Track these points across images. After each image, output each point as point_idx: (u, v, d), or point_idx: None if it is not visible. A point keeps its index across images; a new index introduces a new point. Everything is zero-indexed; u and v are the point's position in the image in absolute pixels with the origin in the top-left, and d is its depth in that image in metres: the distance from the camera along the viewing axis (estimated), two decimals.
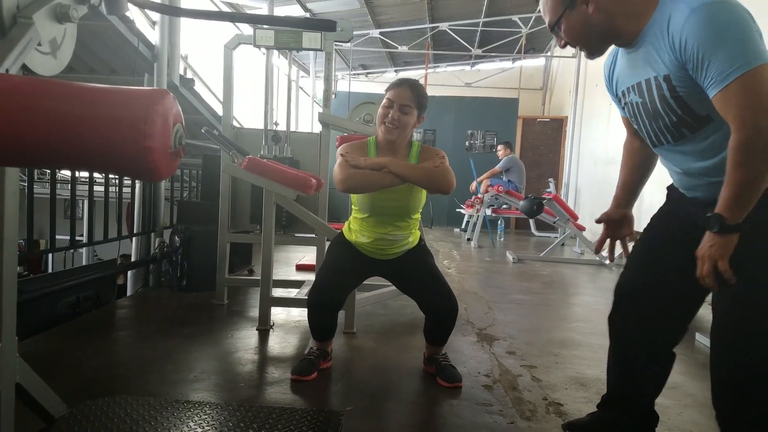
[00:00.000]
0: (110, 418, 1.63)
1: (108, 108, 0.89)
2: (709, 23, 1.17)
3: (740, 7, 1.18)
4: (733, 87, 1.15)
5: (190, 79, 5.25)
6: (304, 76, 11.94)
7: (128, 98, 0.90)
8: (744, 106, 1.14)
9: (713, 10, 1.17)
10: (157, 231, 3.94)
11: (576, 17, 1.40)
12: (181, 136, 0.94)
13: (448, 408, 1.97)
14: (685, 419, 1.94)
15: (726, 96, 1.17)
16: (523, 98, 10.59)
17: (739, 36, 1.15)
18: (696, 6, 1.18)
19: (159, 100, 0.91)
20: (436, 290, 2.17)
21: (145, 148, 0.87)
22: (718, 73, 1.16)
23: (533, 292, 4.25)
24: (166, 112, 0.91)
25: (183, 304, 3.29)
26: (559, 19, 1.42)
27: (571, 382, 2.25)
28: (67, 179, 4.82)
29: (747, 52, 1.14)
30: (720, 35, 1.16)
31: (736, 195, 1.19)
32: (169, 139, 0.91)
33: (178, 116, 0.95)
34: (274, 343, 2.64)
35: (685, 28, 1.20)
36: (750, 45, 1.14)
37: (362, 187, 2.11)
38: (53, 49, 1.47)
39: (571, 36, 1.44)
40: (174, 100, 0.94)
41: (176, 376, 2.15)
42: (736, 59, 1.14)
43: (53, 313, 2.90)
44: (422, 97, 2.17)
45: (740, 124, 1.16)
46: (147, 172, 0.89)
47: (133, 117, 0.88)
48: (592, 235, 6.33)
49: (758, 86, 1.13)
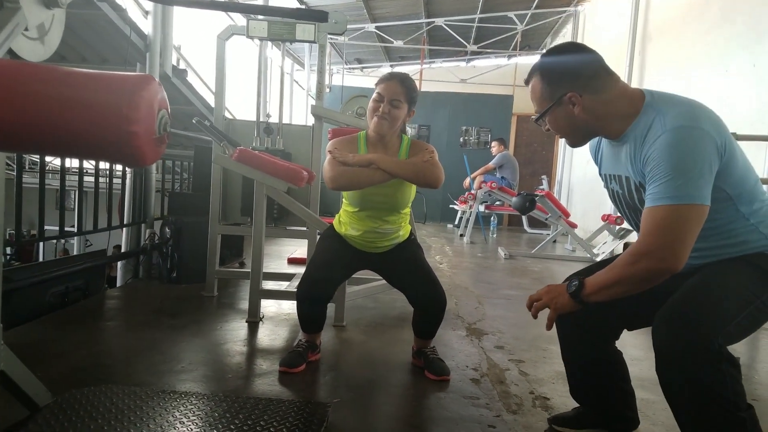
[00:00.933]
0: (95, 407, 1.62)
1: (92, 92, 0.88)
2: (672, 148, 1.26)
3: (707, 139, 1.26)
4: (660, 210, 1.27)
5: (182, 69, 5.22)
6: (299, 70, 11.90)
7: (112, 83, 0.89)
8: (656, 230, 1.27)
9: (681, 136, 1.27)
10: (148, 222, 3.92)
11: (561, 114, 1.45)
12: (166, 122, 0.93)
13: (435, 401, 1.97)
14: (670, 414, 1.94)
15: (651, 213, 1.29)
16: (518, 95, 10.59)
17: (691, 171, 1.25)
18: (669, 128, 1.28)
19: (144, 86, 0.90)
20: (425, 283, 2.17)
21: (128, 133, 0.86)
22: (656, 192, 1.28)
23: (524, 288, 4.26)
24: (151, 97, 0.90)
25: (172, 296, 3.28)
26: (545, 113, 1.47)
27: (558, 377, 2.26)
28: (57, 169, 4.79)
29: (688, 188, 1.24)
30: (675, 164, 1.25)
31: (606, 282, 1.36)
32: (153, 124, 0.90)
33: (163, 102, 0.95)
34: (263, 336, 2.64)
35: (655, 144, 1.29)
36: (694, 182, 1.24)
37: (352, 184, 2.11)
38: (41, 35, 1.45)
39: (555, 128, 1.50)
40: (159, 86, 0.94)
41: (163, 366, 2.14)
42: (676, 189, 1.25)
43: (41, 302, 2.88)
44: (412, 90, 2.17)
45: (644, 241, 1.29)
46: (131, 158, 0.89)
47: (117, 102, 0.87)
48: (584, 232, 6.36)
49: (673, 222, 1.25)
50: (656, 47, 6.22)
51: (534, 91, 1.48)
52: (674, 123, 1.28)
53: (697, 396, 1.23)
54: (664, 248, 1.26)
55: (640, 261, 1.30)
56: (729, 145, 1.30)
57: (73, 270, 3.15)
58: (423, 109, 9.95)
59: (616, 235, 5.80)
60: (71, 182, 4.83)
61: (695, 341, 1.21)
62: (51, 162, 9.98)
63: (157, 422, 1.55)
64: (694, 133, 1.27)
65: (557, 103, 1.43)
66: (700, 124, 1.28)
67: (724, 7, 4.87)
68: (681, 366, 1.23)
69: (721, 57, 4.76)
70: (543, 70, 1.47)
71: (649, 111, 1.36)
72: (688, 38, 5.48)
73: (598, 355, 1.66)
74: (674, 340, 1.24)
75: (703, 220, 1.27)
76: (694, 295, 1.30)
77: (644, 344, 2.73)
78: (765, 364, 2.63)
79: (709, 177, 1.26)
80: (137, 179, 3.82)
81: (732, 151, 1.31)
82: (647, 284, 1.32)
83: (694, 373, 1.22)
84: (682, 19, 5.70)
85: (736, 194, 1.34)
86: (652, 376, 2.26)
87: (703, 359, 1.20)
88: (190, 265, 3.51)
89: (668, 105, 1.34)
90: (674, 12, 5.93)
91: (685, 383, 1.24)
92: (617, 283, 1.35)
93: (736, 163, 1.33)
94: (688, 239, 1.26)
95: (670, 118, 1.30)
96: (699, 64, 5.17)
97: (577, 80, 1.41)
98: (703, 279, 1.34)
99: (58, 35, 1.52)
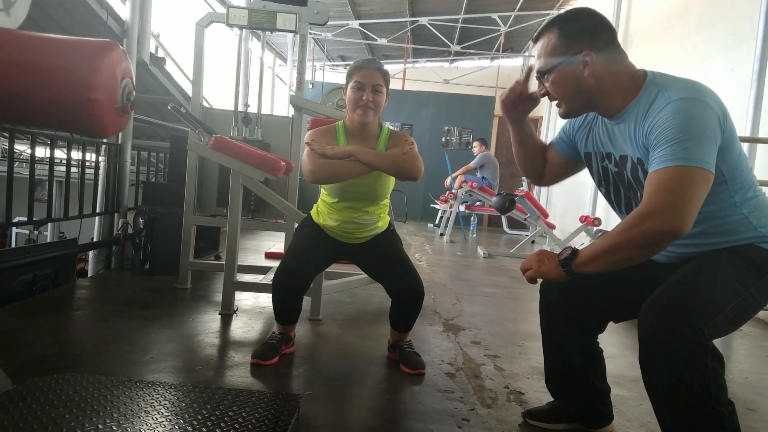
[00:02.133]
0: (57, 395, 1.56)
1: (50, 57, 0.84)
2: (679, 114, 1.25)
3: (712, 110, 1.25)
4: (668, 171, 1.24)
5: (161, 58, 5.11)
6: (282, 65, 11.80)
7: (72, 48, 0.85)
8: (663, 191, 1.23)
9: (687, 106, 1.25)
10: (121, 212, 3.84)
11: (569, 73, 1.40)
12: (129, 91, 0.89)
13: (410, 394, 1.94)
14: (644, 411, 1.95)
15: (658, 175, 1.25)
16: (500, 97, 10.62)
17: (699, 136, 1.23)
18: (674, 99, 1.27)
19: (106, 52, 0.86)
20: (402, 273, 2.14)
21: (88, 100, 0.82)
22: (663, 155, 1.25)
23: (502, 285, 4.26)
24: (114, 64, 0.86)
25: (144, 287, 3.20)
26: (552, 69, 1.41)
27: (533, 372, 2.25)
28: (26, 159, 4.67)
29: (696, 152, 1.22)
30: (683, 128, 1.23)
31: (602, 248, 1.30)
32: (116, 93, 0.86)
33: (127, 71, 0.90)
34: (236, 328, 2.58)
35: (661, 113, 1.27)
36: (702, 147, 1.23)
37: (331, 177, 2.07)
38: (6, 6, 1.39)
39: (556, 89, 1.44)
40: (124, 54, 0.89)
41: (132, 357, 2.08)
42: (684, 151, 1.22)
43: (8, 290, 2.79)
44: (388, 73, 2.16)
45: (649, 201, 1.25)
46: (91, 126, 0.84)
47: (76, 67, 0.83)
48: (562, 233, 6.39)
49: (681, 184, 1.22)
50: (637, 51, 6.28)
51: (546, 46, 1.42)
52: (679, 95, 1.27)
53: (680, 386, 1.21)
54: (671, 209, 1.21)
55: (644, 222, 1.23)
56: (729, 123, 1.30)
57: (41, 257, 3.06)
58: (406, 108, 9.93)
59: (594, 236, 5.84)
60: (42, 171, 4.72)
61: (683, 331, 1.19)
62: (23, 152, 9.77)
63: (121, 411, 1.50)
64: (699, 105, 1.26)
65: (570, 59, 1.38)
66: (705, 98, 1.27)
67: (703, 13, 4.93)
68: (666, 355, 1.21)
69: (701, 61, 4.82)
70: (562, 22, 1.41)
71: (651, 88, 1.34)
72: (668, 43, 5.55)
73: (580, 347, 1.64)
74: (662, 329, 1.21)
75: (709, 186, 1.24)
76: (684, 284, 1.28)
77: (619, 342, 2.74)
78: (738, 364, 2.65)
79: (714, 147, 1.25)
80: (111, 167, 3.73)
81: (731, 131, 1.31)
82: (648, 249, 1.27)
83: (679, 362, 1.19)
84: (662, 23, 5.77)
85: (731, 177, 1.33)
86: (626, 373, 2.29)
87: (690, 349, 1.18)
88: (164, 257, 3.44)
89: (671, 82, 1.33)
90: (655, 17, 5.99)
91: (669, 373, 1.21)
92: (615, 250, 1.28)
93: (734, 143, 1.32)
94: (696, 202, 1.22)
95: (675, 91, 1.29)
96: (679, 69, 5.23)
97: (595, 40, 1.37)
98: (694, 269, 1.32)
99: (26, 7, 1.46)
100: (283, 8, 3.16)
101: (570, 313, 1.61)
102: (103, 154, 3.67)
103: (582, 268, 1.33)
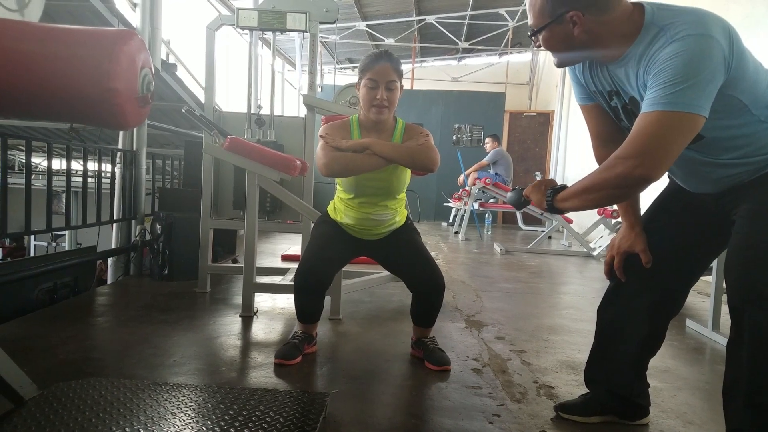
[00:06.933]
0: (83, 399, 1.55)
1: (69, 47, 0.82)
2: (677, 55, 1.19)
3: (716, 48, 1.19)
4: (652, 116, 1.21)
5: (172, 64, 5.13)
6: (291, 70, 11.83)
7: (91, 37, 0.82)
8: (641, 136, 1.22)
9: (689, 44, 1.19)
10: (138, 218, 3.84)
11: (559, 32, 1.35)
12: (149, 81, 0.87)
13: (437, 391, 1.91)
14: (679, 401, 1.90)
15: (642, 119, 1.24)
16: (509, 93, 10.58)
17: (693, 77, 1.18)
18: (677, 37, 1.20)
19: (126, 40, 0.83)
20: (423, 267, 2.11)
21: (109, 90, 0.80)
22: (652, 98, 1.22)
23: (521, 281, 4.21)
24: (133, 53, 0.83)
25: (164, 292, 3.20)
26: (542, 29, 1.37)
27: (561, 366, 2.20)
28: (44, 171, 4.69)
29: (685, 96, 1.18)
30: (679, 69, 1.18)
31: (579, 188, 1.34)
32: (135, 82, 0.83)
33: (146, 61, 0.88)
34: (257, 330, 2.57)
35: (661, 52, 1.22)
36: (694, 90, 1.18)
37: (347, 170, 2.03)
38: (20, 7, 1.38)
39: (548, 47, 1.41)
40: (142, 43, 0.87)
41: (155, 360, 2.07)
42: (673, 96, 1.18)
43: (29, 298, 2.80)
44: (400, 65, 2.10)
45: (626, 146, 1.25)
46: (112, 117, 0.82)
47: (96, 56, 0.80)
48: (579, 227, 6.31)
49: (662, 130, 1.20)
50: None
51: (533, 5, 1.37)
52: (682, 32, 1.21)
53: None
54: (644, 154, 1.21)
55: (618, 165, 1.25)
56: (738, 50, 1.23)
57: (61, 265, 3.07)
58: (415, 108, 9.90)
59: (612, 228, 5.76)
60: (59, 182, 4.74)
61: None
62: (39, 164, 9.86)
63: (147, 414, 1.48)
64: (702, 41, 1.19)
65: (557, 20, 1.33)
66: (710, 32, 1.19)
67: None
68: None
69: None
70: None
71: (651, 28, 1.27)
72: None
73: (651, 331, 1.58)
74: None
75: (695, 131, 1.21)
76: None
77: None
78: None
79: (711, 88, 1.19)
80: (126, 174, 3.73)
81: (741, 55, 1.23)
82: (622, 191, 1.29)
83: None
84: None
85: (751, 101, 1.27)
86: (656, 364, 2.23)
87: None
88: (182, 262, 3.43)
89: (672, 17, 1.25)
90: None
91: None
92: (591, 189, 1.32)
93: (746, 66, 1.25)
94: (674, 149, 1.21)
95: (677, 28, 1.22)
96: None
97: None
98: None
99: (39, 9, 1.45)
100: (292, 8, 3.14)
101: (650, 287, 1.55)
102: (118, 161, 3.67)
103: (560, 204, 1.40)
